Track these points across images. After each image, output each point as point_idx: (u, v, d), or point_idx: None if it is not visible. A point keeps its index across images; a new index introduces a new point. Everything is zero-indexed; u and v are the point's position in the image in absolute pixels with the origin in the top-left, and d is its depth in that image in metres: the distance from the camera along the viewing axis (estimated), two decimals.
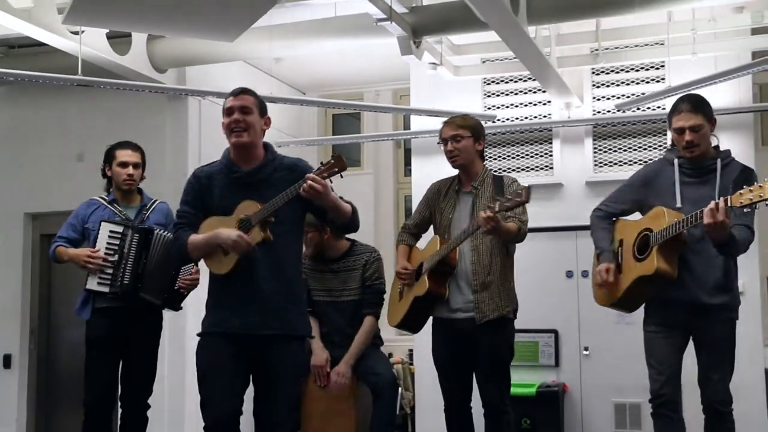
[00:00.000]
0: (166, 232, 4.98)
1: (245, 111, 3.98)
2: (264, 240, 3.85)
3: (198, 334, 4.07)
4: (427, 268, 4.62)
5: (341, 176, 3.88)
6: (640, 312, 4.65)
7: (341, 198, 4.06)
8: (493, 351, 4.60)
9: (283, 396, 3.95)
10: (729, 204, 3.83)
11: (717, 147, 4.31)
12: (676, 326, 4.23)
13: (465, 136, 4.66)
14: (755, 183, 4.07)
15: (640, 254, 4.19)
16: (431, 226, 4.93)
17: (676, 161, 4.27)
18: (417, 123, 7.94)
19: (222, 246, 3.89)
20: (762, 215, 7.01)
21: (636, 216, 4.51)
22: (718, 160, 4.18)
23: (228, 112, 3.99)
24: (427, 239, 4.94)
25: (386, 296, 5.24)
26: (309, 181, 3.75)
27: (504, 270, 4.61)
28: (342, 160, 3.84)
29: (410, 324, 4.85)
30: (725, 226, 3.87)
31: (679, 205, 4.16)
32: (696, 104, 4.23)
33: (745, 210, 3.90)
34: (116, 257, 4.95)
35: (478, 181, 4.68)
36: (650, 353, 4.33)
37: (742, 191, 3.82)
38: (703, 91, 6.81)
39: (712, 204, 3.89)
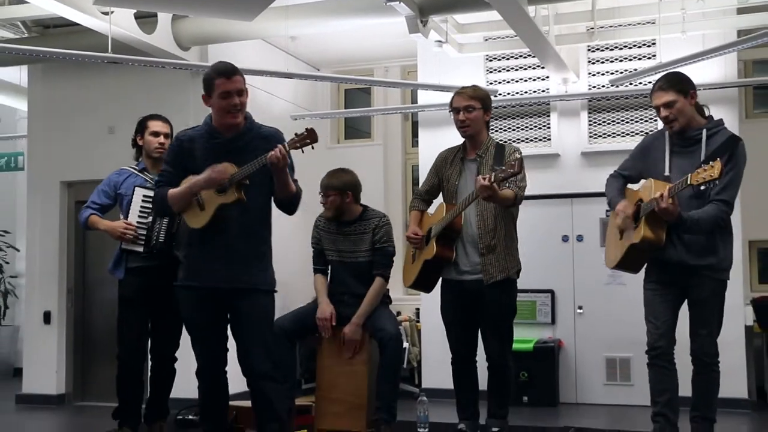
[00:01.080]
0: None
1: (241, 93, 3.97)
2: (238, 200, 3.90)
3: (174, 285, 4.16)
4: (435, 234, 4.65)
5: (312, 147, 3.90)
6: (628, 274, 4.69)
7: (295, 180, 4.08)
8: (497, 309, 4.64)
9: (258, 344, 4.01)
10: (689, 183, 3.86)
11: (710, 117, 4.29)
12: (670, 284, 4.27)
13: (477, 107, 4.65)
14: (733, 154, 4.06)
15: (635, 222, 4.23)
16: (441, 193, 4.95)
17: (667, 133, 4.27)
18: (424, 97, 7.97)
19: (201, 189, 3.93)
20: (745, 180, 7.04)
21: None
22: (704, 131, 4.16)
23: (225, 95, 3.94)
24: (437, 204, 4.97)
25: (396, 258, 5.28)
26: (276, 151, 3.78)
27: (509, 233, 4.64)
28: (314, 133, 3.88)
29: (422, 284, 4.90)
30: (669, 212, 3.94)
31: (667, 173, 4.17)
32: (668, 82, 4.22)
33: (701, 187, 3.92)
34: (149, 219, 4.96)
35: (483, 149, 4.69)
36: (648, 309, 4.37)
37: (699, 170, 3.85)
38: (692, 68, 6.82)
39: (657, 194, 3.97)
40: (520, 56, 7.57)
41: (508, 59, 7.67)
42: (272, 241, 4.26)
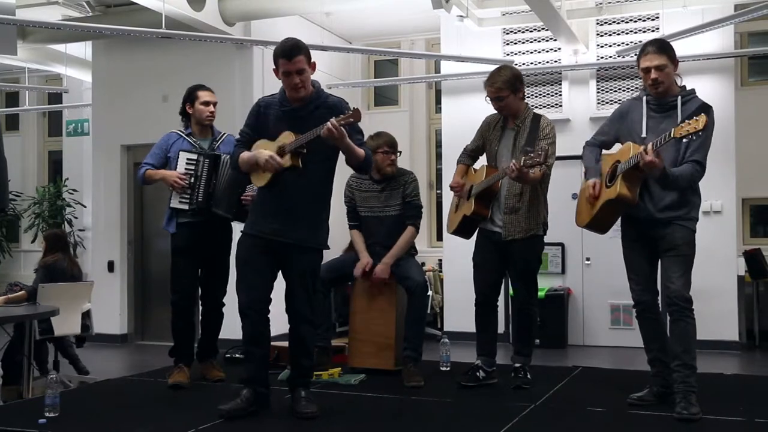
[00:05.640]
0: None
1: (301, 72, 3.94)
2: (293, 166, 3.90)
3: (241, 232, 4.17)
4: (474, 193, 4.64)
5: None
6: None
7: (363, 143, 4.06)
8: (523, 260, 4.62)
9: (302, 292, 4.04)
10: (672, 135, 3.73)
11: (683, 87, 4.15)
12: (644, 240, 4.09)
13: (505, 95, 4.56)
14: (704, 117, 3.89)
15: (610, 182, 4.06)
16: (485, 152, 4.91)
17: (644, 98, 4.13)
18: (446, 67, 7.88)
19: (258, 163, 3.97)
20: (739, 143, 6.92)
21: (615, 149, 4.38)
22: (679, 97, 4.02)
23: (286, 74, 3.96)
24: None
25: (423, 211, 5.28)
26: (328, 126, 3.74)
27: (535, 197, 4.57)
28: (359, 112, 3.83)
29: (461, 233, 4.93)
30: (654, 165, 3.76)
31: (644, 135, 4.02)
32: (661, 47, 4.04)
33: (684, 140, 3.78)
34: (192, 180, 4.95)
35: (521, 119, 4.62)
36: (628, 267, 4.20)
37: (683, 124, 3.71)
38: (692, 39, 6.69)
39: (641, 147, 3.80)
40: (535, 29, 7.45)
41: (523, 32, 7.55)
42: None
